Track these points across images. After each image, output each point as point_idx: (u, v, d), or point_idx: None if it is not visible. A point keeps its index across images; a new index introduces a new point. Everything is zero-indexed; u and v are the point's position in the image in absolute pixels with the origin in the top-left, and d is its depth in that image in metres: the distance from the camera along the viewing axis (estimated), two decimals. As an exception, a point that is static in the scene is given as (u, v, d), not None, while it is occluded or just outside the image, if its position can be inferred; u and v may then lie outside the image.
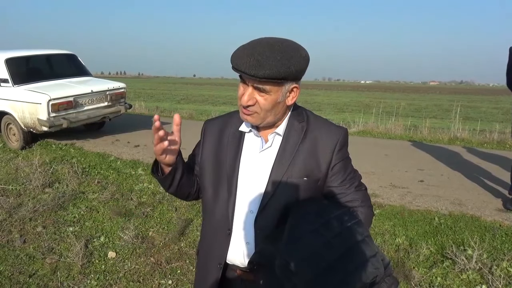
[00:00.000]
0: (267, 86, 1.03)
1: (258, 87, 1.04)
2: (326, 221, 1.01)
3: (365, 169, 5.13)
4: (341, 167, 1.17)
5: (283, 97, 1.07)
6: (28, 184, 4.49)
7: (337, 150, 1.15)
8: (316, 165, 1.14)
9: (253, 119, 1.10)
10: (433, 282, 2.66)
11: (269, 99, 1.05)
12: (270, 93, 1.05)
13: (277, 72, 0.99)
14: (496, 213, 3.70)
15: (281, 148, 1.14)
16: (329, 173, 1.16)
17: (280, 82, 1.03)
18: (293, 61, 1.01)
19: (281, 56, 1.00)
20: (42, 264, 2.98)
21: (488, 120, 15.05)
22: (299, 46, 1.07)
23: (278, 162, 1.13)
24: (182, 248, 3.20)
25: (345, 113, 16.15)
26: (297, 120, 1.16)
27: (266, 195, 1.12)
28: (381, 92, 47.34)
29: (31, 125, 6.07)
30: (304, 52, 1.06)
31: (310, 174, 1.14)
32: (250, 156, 1.17)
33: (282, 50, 1.01)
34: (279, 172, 1.12)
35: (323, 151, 1.15)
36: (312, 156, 1.14)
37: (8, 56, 6.35)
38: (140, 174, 4.94)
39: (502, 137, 7.32)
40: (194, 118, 10.77)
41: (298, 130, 1.15)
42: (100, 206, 4.00)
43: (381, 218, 3.61)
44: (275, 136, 1.16)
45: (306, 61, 1.06)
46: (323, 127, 1.17)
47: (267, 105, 1.06)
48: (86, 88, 6.48)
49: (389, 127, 8.56)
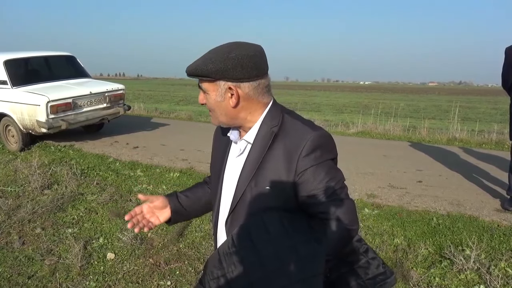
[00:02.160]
0: (203, 85, 1.09)
1: (199, 85, 1.11)
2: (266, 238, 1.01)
3: (363, 170, 5.14)
4: (310, 174, 1.05)
5: (222, 97, 1.08)
6: (27, 186, 4.49)
7: (304, 155, 1.04)
8: (285, 173, 1.06)
9: (212, 119, 1.16)
10: (431, 282, 2.66)
11: (210, 99, 1.10)
12: (209, 92, 1.09)
13: (195, 68, 1.06)
14: (494, 213, 3.71)
15: (249, 155, 1.12)
16: (297, 181, 1.06)
17: (209, 80, 1.07)
18: (214, 60, 1.04)
19: (210, 56, 1.05)
20: (41, 266, 2.98)
21: (487, 120, 15.08)
22: (238, 47, 1.05)
23: (244, 169, 1.12)
24: (181, 249, 3.20)
25: (344, 114, 16.17)
26: (268, 125, 1.10)
27: (234, 201, 1.13)
28: (380, 93, 47.39)
29: (30, 127, 6.07)
30: (235, 53, 1.03)
31: (277, 183, 1.07)
32: (230, 162, 1.19)
33: (216, 50, 1.06)
34: (245, 179, 1.11)
35: (290, 156, 1.06)
36: (282, 162, 1.07)
37: (7, 58, 6.36)
38: (139, 175, 4.95)
39: (500, 137, 7.34)
40: (193, 119, 10.78)
41: (266, 137, 1.09)
42: (99, 207, 4.00)
43: (380, 218, 3.61)
44: (246, 143, 1.15)
45: (233, 61, 1.03)
46: (294, 131, 1.08)
47: (210, 105, 1.11)
48: (85, 89, 6.48)
49: (388, 128, 8.58)
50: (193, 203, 1.34)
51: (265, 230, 1.01)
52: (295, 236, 1.00)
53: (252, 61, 1.04)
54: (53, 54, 7.23)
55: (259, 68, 1.06)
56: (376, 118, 9.48)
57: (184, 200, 1.33)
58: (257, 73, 1.06)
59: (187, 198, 1.33)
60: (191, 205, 1.34)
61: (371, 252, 1.14)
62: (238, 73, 1.04)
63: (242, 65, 1.03)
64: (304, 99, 30.10)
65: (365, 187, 4.46)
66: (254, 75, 1.06)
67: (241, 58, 1.03)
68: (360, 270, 1.11)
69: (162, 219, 1.30)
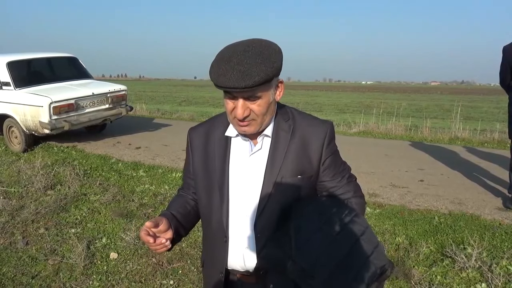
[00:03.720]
0: (258, 92, 1.02)
1: (249, 96, 1.03)
2: (328, 219, 1.03)
3: (365, 169, 5.14)
4: (331, 161, 1.18)
5: (273, 95, 1.08)
6: (30, 187, 4.52)
7: (326, 144, 1.16)
8: (307, 162, 1.14)
9: (252, 128, 1.08)
10: (433, 281, 2.67)
11: (262, 104, 1.05)
12: (262, 97, 1.04)
13: (265, 75, 0.98)
14: (496, 212, 3.71)
15: (271, 149, 1.13)
16: (321, 168, 1.17)
17: (267, 82, 1.02)
18: (273, 59, 1.01)
19: (261, 59, 0.99)
20: (45, 266, 3.00)
21: (489, 119, 15.02)
22: (269, 42, 1.07)
23: (270, 164, 1.12)
24: (184, 249, 3.22)
25: (346, 114, 16.15)
26: (283, 119, 1.16)
27: (263, 198, 1.11)
28: (381, 93, 47.27)
29: (33, 128, 6.10)
30: (276, 47, 1.06)
31: (303, 172, 1.14)
32: (239, 161, 1.16)
33: (258, 52, 1.00)
34: (273, 173, 1.11)
35: (313, 147, 1.15)
36: (303, 153, 1.14)
37: (10, 60, 6.40)
38: (141, 175, 4.97)
39: (502, 136, 7.33)
40: (195, 120, 10.82)
41: (285, 130, 1.15)
42: (102, 207, 4.02)
43: (381, 217, 3.62)
44: (264, 138, 1.15)
45: (281, 54, 1.06)
46: (310, 124, 1.18)
47: (262, 110, 1.06)
48: (88, 90, 6.52)
49: (390, 128, 8.58)
50: (186, 219, 1.27)
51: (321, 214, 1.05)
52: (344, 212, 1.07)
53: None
54: (55, 56, 7.27)
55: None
56: (378, 118, 9.48)
57: (180, 217, 1.25)
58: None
59: (181, 215, 1.25)
60: (186, 221, 1.27)
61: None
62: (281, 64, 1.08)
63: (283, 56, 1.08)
64: (306, 99, 30.08)
65: (367, 186, 4.46)
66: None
67: (280, 50, 1.07)
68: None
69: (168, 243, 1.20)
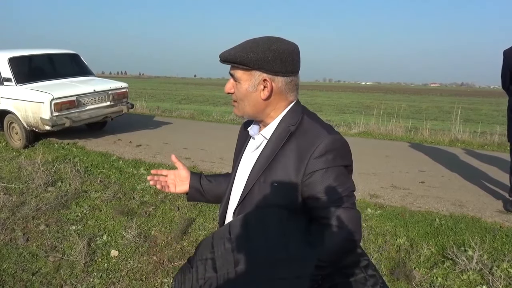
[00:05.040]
0: (237, 72, 1.08)
1: (231, 73, 1.10)
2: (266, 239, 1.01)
3: (366, 170, 5.15)
4: (319, 177, 1.02)
5: (254, 88, 1.08)
6: (31, 183, 4.51)
7: (315, 156, 1.02)
8: (294, 172, 1.05)
9: (235, 110, 1.16)
10: (433, 283, 2.67)
11: (240, 88, 1.09)
12: (241, 81, 1.09)
13: (233, 55, 1.05)
14: (497, 214, 3.72)
15: (263, 151, 1.13)
16: (305, 181, 1.04)
17: (245, 68, 1.06)
18: (255, 49, 1.04)
19: (250, 45, 1.05)
20: (45, 262, 2.99)
21: (489, 122, 15.05)
22: (278, 41, 1.07)
23: (256, 164, 1.13)
24: (185, 247, 3.22)
25: (345, 114, 16.17)
26: (286, 124, 1.11)
27: (243, 194, 1.14)
28: (382, 94, 47.35)
29: (33, 124, 6.10)
30: (276, 46, 1.05)
31: (285, 181, 1.07)
32: (245, 157, 1.21)
33: (256, 41, 1.06)
34: (255, 174, 1.12)
35: (301, 156, 1.05)
36: (292, 161, 1.06)
37: (11, 55, 6.39)
38: (142, 173, 4.97)
39: (502, 139, 7.33)
40: (195, 118, 10.80)
41: (282, 134, 1.10)
42: (103, 205, 4.02)
43: (382, 218, 3.62)
44: (262, 139, 1.16)
45: (273, 54, 1.04)
46: (310, 132, 1.08)
47: (240, 94, 1.10)
48: (89, 87, 6.51)
49: (390, 129, 8.58)
50: (212, 189, 1.36)
51: (263, 223, 1.03)
52: (289, 235, 0.99)
53: (291, 56, 1.07)
54: (57, 52, 7.26)
55: (295, 65, 1.09)
56: (378, 119, 9.47)
57: (205, 183, 1.36)
58: (293, 69, 1.08)
59: (208, 183, 1.36)
60: (210, 190, 1.36)
61: (372, 268, 1.07)
62: (277, 66, 1.06)
63: (281, 59, 1.05)
64: (306, 99, 30.08)
65: (367, 187, 4.47)
66: (289, 71, 1.08)
67: (282, 52, 1.05)
68: (355, 284, 1.04)
69: (178, 190, 1.36)
